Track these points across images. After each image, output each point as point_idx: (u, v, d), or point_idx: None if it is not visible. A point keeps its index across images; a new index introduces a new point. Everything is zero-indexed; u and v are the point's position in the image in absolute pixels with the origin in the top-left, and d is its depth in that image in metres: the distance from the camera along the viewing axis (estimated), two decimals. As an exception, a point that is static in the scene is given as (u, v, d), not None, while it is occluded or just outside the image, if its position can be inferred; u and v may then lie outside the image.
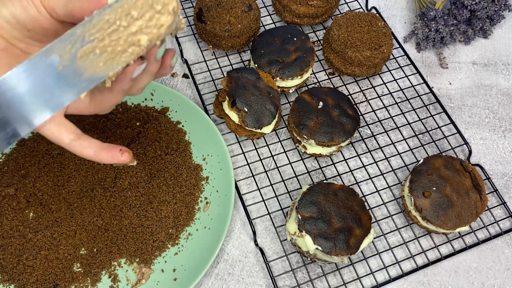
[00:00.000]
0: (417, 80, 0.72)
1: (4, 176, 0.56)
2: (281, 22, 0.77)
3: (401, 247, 0.58)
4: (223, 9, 0.67)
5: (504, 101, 0.71)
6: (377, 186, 0.62)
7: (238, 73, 0.61)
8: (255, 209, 0.60)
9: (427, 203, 0.55)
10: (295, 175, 0.62)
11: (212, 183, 0.59)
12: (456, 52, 0.76)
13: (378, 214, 0.60)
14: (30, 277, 0.51)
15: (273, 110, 0.59)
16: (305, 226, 0.51)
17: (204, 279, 0.55)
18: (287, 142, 0.65)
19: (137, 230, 0.55)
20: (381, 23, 0.68)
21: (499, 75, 0.74)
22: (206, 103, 0.67)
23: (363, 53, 0.65)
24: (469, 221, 0.55)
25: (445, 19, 0.73)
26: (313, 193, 0.53)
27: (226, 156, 0.59)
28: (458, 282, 0.56)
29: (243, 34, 0.68)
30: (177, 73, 0.70)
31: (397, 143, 0.66)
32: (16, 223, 0.54)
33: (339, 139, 0.58)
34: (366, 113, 0.68)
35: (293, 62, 0.64)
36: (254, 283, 0.55)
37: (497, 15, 0.75)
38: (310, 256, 0.54)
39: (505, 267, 0.58)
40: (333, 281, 0.55)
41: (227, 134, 0.65)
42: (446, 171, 0.57)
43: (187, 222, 0.56)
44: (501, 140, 0.68)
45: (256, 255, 0.57)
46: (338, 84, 0.71)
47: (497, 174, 0.65)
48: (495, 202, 0.62)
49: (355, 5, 0.80)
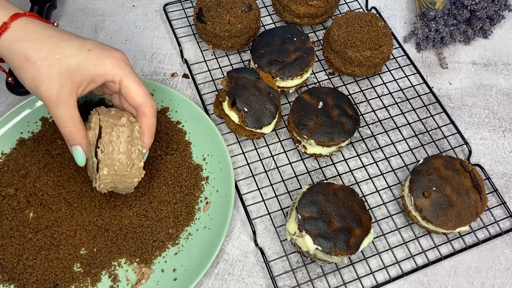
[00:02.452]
0: (417, 80, 0.72)
1: (4, 176, 0.56)
2: (281, 22, 0.77)
3: (401, 247, 0.58)
4: (223, 9, 0.67)
5: (504, 101, 0.72)
6: (377, 186, 0.62)
7: (238, 73, 0.61)
8: (255, 209, 0.60)
9: (427, 203, 0.55)
10: (295, 175, 0.62)
11: (212, 183, 0.59)
12: (456, 52, 0.76)
13: (378, 214, 0.60)
14: (30, 277, 0.51)
15: (273, 110, 0.59)
16: (305, 226, 0.51)
17: (204, 279, 0.55)
18: (287, 142, 0.65)
19: (137, 230, 0.55)
20: (381, 23, 0.68)
21: (499, 75, 0.74)
22: (206, 103, 0.67)
23: (363, 53, 0.65)
24: (469, 221, 0.55)
25: (445, 19, 0.73)
26: (313, 193, 0.53)
27: (226, 156, 0.59)
28: (458, 282, 0.56)
29: (243, 34, 0.68)
30: (177, 73, 0.70)
31: (397, 143, 0.66)
32: (16, 223, 0.54)
33: (339, 139, 0.58)
34: (366, 113, 0.68)
35: (293, 62, 0.64)
36: (254, 283, 0.55)
37: (497, 15, 0.75)
38: (310, 256, 0.54)
39: (505, 267, 0.58)
40: (333, 281, 0.55)
41: (227, 134, 0.65)
42: (446, 171, 0.57)
43: (187, 222, 0.56)
44: (501, 140, 0.68)
45: (256, 255, 0.57)
46: (338, 84, 0.71)
47: (497, 174, 0.65)
48: (495, 202, 0.62)
49: (355, 5, 0.80)
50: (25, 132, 0.60)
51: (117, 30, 0.75)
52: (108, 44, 0.49)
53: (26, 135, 0.60)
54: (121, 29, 0.75)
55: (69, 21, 0.75)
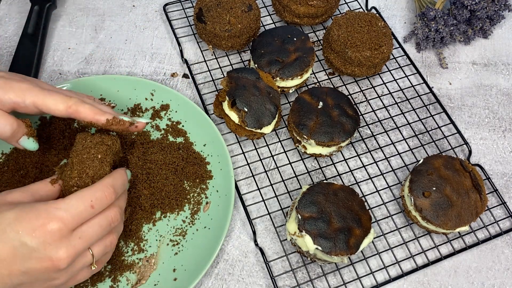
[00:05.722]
0: (417, 80, 0.72)
1: (4, 176, 0.56)
2: (281, 22, 0.77)
3: (401, 247, 0.58)
4: (223, 9, 0.67)
5: (504, 101, 0.72)
6: (377, 186, 0.62)
7: (238, 73, 0.61)
8: (255, 209, 0.60)
9: (427, 203, 0.55)
10: (295, 175, 0.62)
11: (212, 183, 0.59)
12: (456, 52, 0.76)
13: (378, 214, 0.60)
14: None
15: (273, 110, 0.59)
16: (305, 226, 0.51)
17: (204, 279, 0.55)
18: (287, 142, 0.65)
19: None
20: (381, 23, 0.68)
21: (499, 75, 0.74)
22: (206, 103, 0.67)
23: (363, 53, 0.65)
24: (469, 221, 0.55)
25: (445, 19, 0.73)
26: (313, 193, 0.53)
27: (226, 156, 0.59)
28: (458, 282, 0.56)
29: (243, 34, 0.68)
30: (177, 73, 0.70)
31: (397, 143, 0.66)
32: (16, 223, 0.54)
33: (339, 139, 0.58)
34: (366, 113, 0.68)
35: (293, 62, 0.64)
36: (254, 283, 0.55)
37: (497, 15, 0.75)
38: (310, 256, 0.54)
39: (505, 267, 0.58)
40: (333, 281, 0.55)
41: (227, 134, 0.65)
42: (446, 171, 0.57)
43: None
44: (501, 140, 0.68)
45: (256, 255, 0.57)
46: (338, 84, 0.71)
47: (497, 174, 0.65)
48: (495, 202, 0.62)
49: (355, 5, 0.80)
50: (25, 132, 0.60)
51: (117, 30, 0.75)
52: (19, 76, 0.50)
53: (26, 135, 0.60)
54: (121, 29, 0.75)
55: (69, 21, 0.75)
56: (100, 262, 0.47)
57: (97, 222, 0.43)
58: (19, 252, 0.39)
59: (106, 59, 0.71)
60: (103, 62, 0.71)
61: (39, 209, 0.40)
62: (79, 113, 0.48)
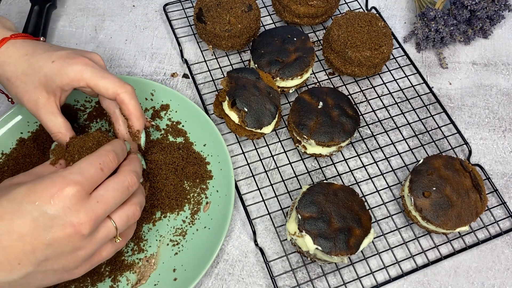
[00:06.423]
0: (417, 80, 0.72)
1: (4, 176, 0.56)
2: (281, 22, 0.77)
3: (401, 247, 0.58)
4: (223, 9, 0.67)
5: (504, 101, 0.72)
6: (377, 186, 0.62)
7: (238, 73, 0.61)
8: (255, 209, 0.60)
9: (427, 203, 0.55)
10: (295, 175, 0.62)
11: (212, 183, 0.59)
12: (456, 52, 0.76)
13: (378, 214, 0.60)
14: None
15: (273, 110, 0.59)
16: (305, 226, 0.51)
17: (204, 279, 0.55)
18: (287, 142, 0.65)
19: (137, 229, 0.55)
20: (381, 23, 0.68)
21: (499, 75, 0.74)
22: (206, 103, 0.67)
23: (363, 53, 0.65)
24: (469, 221, 0.55)
25: (445, 19, 0.73)
26: (313, 193, 0.53)
27: (226, 156, 0.59)
28: (458, 282, 0.56)
29: (243, 34, 0.68)
30: (177, 73, 0.70)
31: (397, 143, 0.66)
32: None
33: (339, 139, 0.58)
34: (366, 113, 0.68)
35: (293, 62, 0.64)
36: (254, 283, 0.55)
37: (497, 15, 0.75)
38: (310, 256, 0.54)
39: (505, 267, 0.58)
40: (333, 281, 0.55)
41: (227, 134, 0.65)
42: (446, 171, 0.57)
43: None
44: (501, 140, 0.68)
45: (256, 255, 0.57)
46: (338, 84, 0.71)
47: (497, 174, 0.65)
48: (495, 202, 0.62)
49: (355, 5, 0.80)
50: (25, 132, 0.60)
51: (117, 30, 0.75)
52: (83, 49, 0.53)
53: (26, 135, 0.60)
54: (121, 29, 0.75)
55: (69, 21, 0.75)
56: (124, 236, 0.46)
57: (112, 185, 0.43)
58: (40, 222, 0.38)
59: (106, 59, 0.71)
60: (103, 62, 0.71)
61: (52, 177, 0.40)
62: (124, 102, 0.51)
